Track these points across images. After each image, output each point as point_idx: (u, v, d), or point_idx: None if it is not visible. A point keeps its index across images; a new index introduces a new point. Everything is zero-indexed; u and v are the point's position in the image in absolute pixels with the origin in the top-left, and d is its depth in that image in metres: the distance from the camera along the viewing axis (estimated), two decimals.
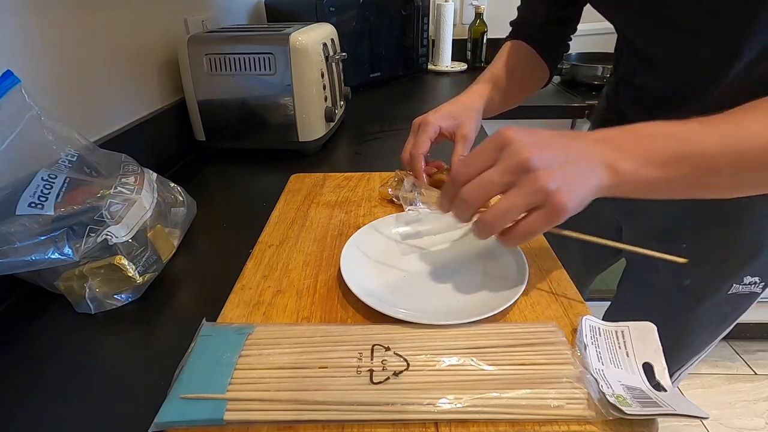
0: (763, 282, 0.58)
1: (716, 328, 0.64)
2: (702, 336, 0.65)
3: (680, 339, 0.64)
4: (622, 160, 0.34)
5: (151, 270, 0.48)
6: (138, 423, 0.32)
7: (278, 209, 0.61)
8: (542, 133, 0.36)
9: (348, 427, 0.31)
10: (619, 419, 0.30)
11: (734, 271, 0.57)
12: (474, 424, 0.31)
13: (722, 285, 0.58)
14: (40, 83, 0.56)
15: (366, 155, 0.86)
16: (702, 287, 0.59)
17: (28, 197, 0.42)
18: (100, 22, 0.67)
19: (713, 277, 0.58)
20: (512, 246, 0.40)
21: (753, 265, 0.56)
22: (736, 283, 0.58)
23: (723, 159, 0.34)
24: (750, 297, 0.60)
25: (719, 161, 0.35)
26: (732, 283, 0.58)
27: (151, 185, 0.53)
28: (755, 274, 0.57)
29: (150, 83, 0.80)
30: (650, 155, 0.35)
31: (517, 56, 0.66)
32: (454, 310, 0.41)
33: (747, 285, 0.58)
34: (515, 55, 0.66)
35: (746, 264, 0.56)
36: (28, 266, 0.41)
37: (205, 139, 0.85)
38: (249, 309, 0.43)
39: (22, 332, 0.44)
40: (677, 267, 0.54)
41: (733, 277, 0.57)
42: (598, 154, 0.35)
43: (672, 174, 0.35)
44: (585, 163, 0.34)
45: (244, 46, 0.77)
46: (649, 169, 0.35)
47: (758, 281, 0.58)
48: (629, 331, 0.37)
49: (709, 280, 0.59)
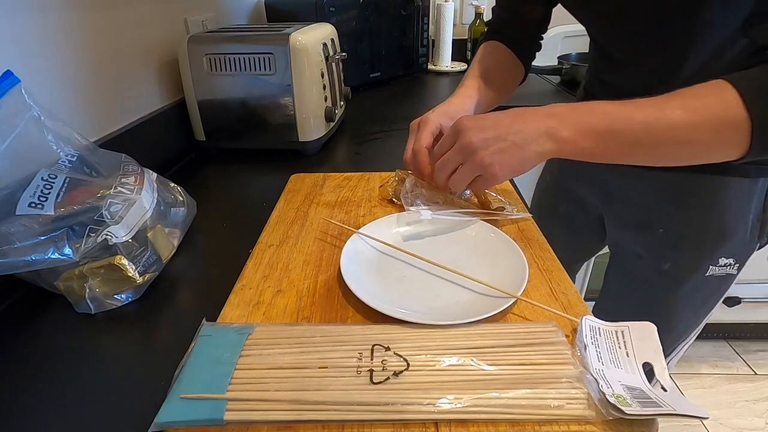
0: (737, 264, 0.62)
1: (698, 312, 0.68)
2: (685, 320, 0.68)
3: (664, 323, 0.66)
4: (563, 130, 0.44)
5: (151, 270, 0.48)
6: (138, 423, 0.32)
7: (278, 209, 0.61)
8: (489, 117, 0.47)
9: (348, 427, 0.31)
10: (619, 419, 0.30)
11: (709, 253, 0.61)
12: (474, 424, 0.31)
13: (699, 267, 0.62)
14: (40, 83, 0.56)
15: (366, 155, 0.86)
16: (681, 270, 0.63)
17: (28, 197, 0.42)
18: (100, 22, 0.67)
19: (690, 259, 0.62)
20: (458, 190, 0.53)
21: (726, 246, 0.60)
22: (712, 265, 0.61)
23: (644, 136, 0.43)
24: (727, 279, 0.64)
25: (641, 137, 0.43)
26: (708, 265, 0.61)
27: (151, 185, 0.53)
28: (729, 256, 0.61)
29: (150, 83, 0.80)
30: (587, 128, 0.44)
31: (496, 57, 0.70)
32: (454, 310, 0.41)
33: (723, 267, 0.62)
34: (493, 56, 0.70)
35: (720, 246, 0.60)
36: (28, 266, 0.41)
37: (205, 139, 0.85)
38: (249, 309, 0.43)
39: (22, 332, 0.44)
40: (657, 252, 0.64)
41: (709, 259, 0.61)
42: (542, 126, 0.45)
43: (604, 144, 0.44)
44: (522, 137, 0.45)
45: (244, 46, 0.77)
46: (585, 139, 0.44)
47: (732, 263, 0.62)
48: (629, 331, 0.37)
49: (687, 263, 0.63)
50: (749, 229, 0.60)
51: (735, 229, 0.59)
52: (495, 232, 0.51)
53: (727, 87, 0.41)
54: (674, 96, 0.43)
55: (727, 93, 0.41)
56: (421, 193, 0.55)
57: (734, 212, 0.59)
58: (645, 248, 0.66)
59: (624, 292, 0.72)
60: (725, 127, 0.41)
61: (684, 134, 0.42)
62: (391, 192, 0.61)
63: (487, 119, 0.47)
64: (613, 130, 0.44)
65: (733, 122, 0.41)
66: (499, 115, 0.47)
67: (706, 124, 0.41)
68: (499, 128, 0.46)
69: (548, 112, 0.46)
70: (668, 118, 0.42)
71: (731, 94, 0.41)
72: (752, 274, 1.37)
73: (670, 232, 0.63)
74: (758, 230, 0.61)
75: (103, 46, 0.67)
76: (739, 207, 0.58)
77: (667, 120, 0.42)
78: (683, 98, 0.43)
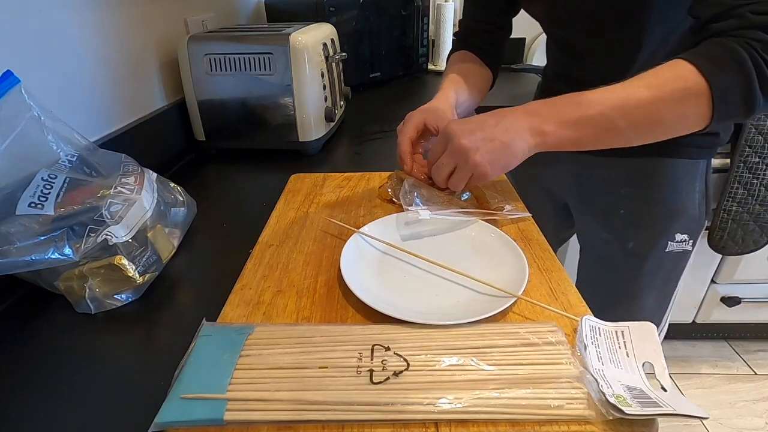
0: (691, 240, 0.70)
1: (662, 290, 0.76)
2: (652, 297, 0.76)
3: (634, 303, 0.75)
4: (544, 124, 0.48)
5: (151, 270, 0.48)
6: (138, 423, 0.32)
7: (278, 209, 0.61)
8: (474, 121, 0.50)
9: (348, 427, 0.31)
10: (619, 419, 0.30)
11: (666, 230, 0.69)
12: (474, 424, 0.31)
13: (659, 243, 0.70)
14: (40, 83, 0.56)
15: (366, 155, 0.86)
16: (643, 247, 0.71)
17: (28, 197, 0.42)
18: (100, 22, 0.67)
19: (651, 236, 0.70)
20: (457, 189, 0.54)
21: (680, 222, 0.68)
22: (670, 240, 0.69)
23: (617, 118, 0.47)
24: (684, 255, 0.72)
25: (614, 119, 0.47)
26: (667, 240, 0.69)
27: (151, 185, 0.53)
28: (684, 232, 0.69)
29: (150, 83, 0.80)
30: (564, 119, 0.48)
31: (468, 64, 0.75)
32: (454, 310, 0.41)
33: (679, 243, 0.70)
34: (465, 63, 0.75)
35: (674, 222, 0.68)
36: (28, 266, 0.41)
37: (205, 139, 0.85)
38: (249, 309, 0.43)
39: (22, 332, 0.44)
40: (621, 233, 0.72)
41: (666, 236, 0.69)
42: (525, 123, 0.48)
43: (582, 131, 0.48)
44: (508, 136, 0.48)
45: (244, 46, 0.77)
46: (565, 130, 0.48)
47: (687, 239, 0.70)
48: (629, 331, 0.37)
49: (648, 240, 0.70)
50: (696, 205, 0.68)
51: (685, 205, 0.68)
52: (495, 232, 0.51)
53: (681, 62, 0.46)
54: (636, 78, 0.47)
55: (681, 67, 0.45)
56: (421, 194, 0.55)
57: (683, 191, 0.67)
58: (610, 231, 0.73)
59: (597, 279, 0.78)
60: (687, 97, 0.45)
61: (652, 110, 0.46)
62: (390, 192, 0.61)
63: (472, 122, 0.50)
64: (587, 117, 0.47)
65: (695, 92, 0.44)
66: (483, 117, 0.50)
67: (670, 98, 0.45)
68: (485, 130, 0.49)
69: (527, 110, 0.50)
70: (635, 97, 0.46)
71: (686, 68, 0.45)
72: (752, 274, 1.37)
73: (631, 213, 0.70)
74: (704, 207, 0.69)
75: (103, 46, 0.67)
76: (686, 186, 0.67)
77: (634, 99, 0.46)
78: (645, 78, 0.47)
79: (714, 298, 1.43)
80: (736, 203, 1.19)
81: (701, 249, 1.30)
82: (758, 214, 1.19)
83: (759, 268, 1.35)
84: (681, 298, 1.45)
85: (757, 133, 1.11)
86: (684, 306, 1.47)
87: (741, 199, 1.18)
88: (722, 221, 1.22)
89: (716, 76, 0.44)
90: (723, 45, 0.45)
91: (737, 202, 1.19)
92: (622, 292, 0.75)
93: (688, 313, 1.49)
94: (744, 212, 1.20)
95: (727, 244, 1.25)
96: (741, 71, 0.43)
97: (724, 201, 1.19)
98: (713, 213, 1.23)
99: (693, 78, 0.44)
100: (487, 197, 0.58)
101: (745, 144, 1.12)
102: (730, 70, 0.44)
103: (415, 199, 0.55)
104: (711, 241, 1.27)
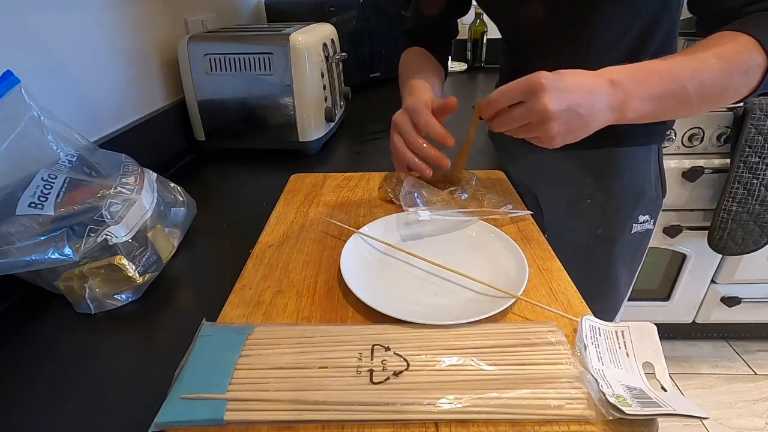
0: (652, 219, 0.76)
1: (630, 267, 0.81)
2: (623, 276, 0.81)
3: (609, 283, 0.81)
4: (629, 99, 0.46)
5: (151, 270, 0.48)
6: (138, 423, 0.32)
7: (278, 209, 0.61)
8: (568, 80, 0.45)
9: (348, 427, 0.31)
10: (619, 419, 0.30)
11: (630, 213, 0.74)
12: (474, 424, 0.31)
13: (625, 226, 0.75)
14: (40, 83, 0.56)
15: (366, 155, 0.86)
16: (611, 231, 0.75)
17: (28, 197, 0.42)
18: (100, 22, 0.67)
19: (617, 221, 0.75)
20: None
21: (641, 205, 0.74)
22: (634, 223, 0.74)
23: (694, 90, 0.47)
24: (647, 234, 0.77)
25: (691, 92, 0.47)
26: (632, 223, 0.74)
27: (151, 185, 0.53)
28: (646, 213, 0.74)
29: (150, 83, 0.80)
30: (647, 93, 0.47)
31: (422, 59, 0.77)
32: (454, 310, 0.41)
33: (642, 224, 0.75)
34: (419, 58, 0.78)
35: (637, 205, 0.73)
36: (28, 266, 0.41)
37: (205, 139, 0.85)
38: (249, 309, 0.43)
39: (22, 332, 0.44)
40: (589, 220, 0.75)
41: (631, 219, 0.74)
42: (611, 99, 0.46)
43: (662, 105, 0.48)
44: (593, 113, 0.46)
45: (244, 46, 0.77)
46: (647, 104, 0.47)
47: (649, 219, 0.75)
48: (629, 331, 0.37)
49: (615, 225, 0.75)
50: (653, 187, 0.73)
51: (644, 189, 0.73)
52: (495, 232, 0.51)
53: (741, 35, 0.47)
54: (704, 48, 0.48)
55: (745, 40, 0.47)
56: (421, 194, 0.55)
57: (641, 175, 0.72)
58: (578, 220, 0.76)
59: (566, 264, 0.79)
60: (751, 69, 0.47)
61: (722, 82, 0.47)
62: (390, 192, 0.61)
63: (566, 81, 0.45)
64: (669, 91, 0.47)
65: (756, 65, 0.46)
66: (577, 80, 0.46)
67: (737, 70, 0.47)
68: (575, 96, 0.45)
69: (614, 81, 0.46)
70: (708, 69, 0.47)
71: (750, 41, 0.46)
72: (752, 274, 1.37)
73: (596, 200, 0.73)
74: (660, 187, 0.75)
75: (103, 45, 0.67)
76: (643, 171, 0.72)
77: (708, 71, 0.47)
78: (712, 48, 0.48)
79: (714, 298, 1.43)
80: (736, 203, 1.19)
81: (701, 249, 1.31)
82: (758, 214, 1.19)
83: (759, 268, 1.35)
84: (681, 298, 1.46)
85: (757, 133, 1.11)
86: (684, 306, 1.47)
87: (741, 199, 1.18)
88: (722, 221, 1.22)
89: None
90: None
91: (737, 202, 1.19)
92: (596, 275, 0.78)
93: (688, 313, 1.49)
94: (744, 212, 1.20)
95: (727, 244, 1.25)
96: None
97: (724, 201, 1.19)
98: (713, 213, 1.23)
99: (756, 50, 0.46)
100: (486, 197, 0.58)
101: (745, 144, 1.12)
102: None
103: (416, 199, 0.55)
104: (711, 241, 1.27)
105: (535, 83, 0.44)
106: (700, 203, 1.27)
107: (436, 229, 0.54)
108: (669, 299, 1.46)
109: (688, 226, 1.29)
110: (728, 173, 1.17)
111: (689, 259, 1.36)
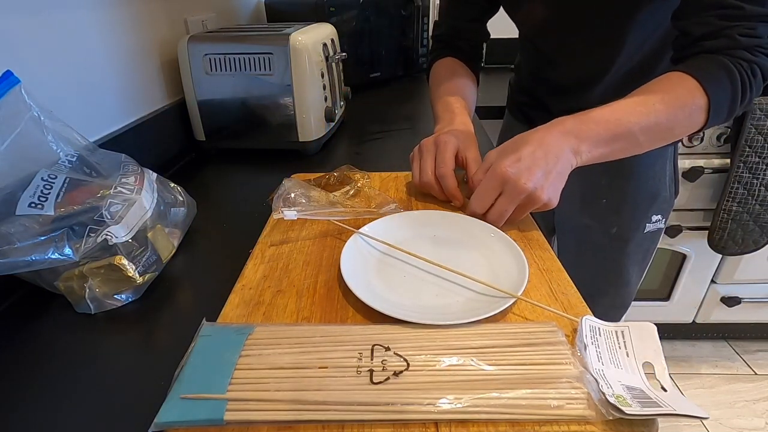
0: (664, 219, 0.79)
1: (641, 265, 0.84)
2: (634, 273, 0.83)
3: (620, 280, 0.83)
4: (582, 145, 0.50)
5: (151, 270, 0.48)
6: (138, 423, 0.32)
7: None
8: (522, 155, 0.49)
9: (348, 427, 0.31)
10: (619, 419, 0.30)
11: (644, 213, 0.77)
12: (474, 424, 0.31)
13: (639, 225, 0.77)
14: (40, 83, 0.56)
15: (366, 155, 0.86)
16: (625, 231, 0.78)
17: (28, 197, 0.42)
18: (99, 21, 0.67)
19: (632, 220, 0.77)
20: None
21: (655, 206, 0.77)
22: (648, 222, 0.78)
23: (641, 133, 0.51)
24: (659, 233, 0.80)
25: (639, 135, 0.51)
26: (645, 222, 0.77)
27: (151, 185, 0.53)
28: (658, 213, 0.78)
29: (150, 83, 0.80)
30: (598, 138, 0.50)
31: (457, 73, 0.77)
32: (454, 310, 0.41)
33: (655, 223, 0.78)
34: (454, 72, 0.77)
35: (651, 206, 0.77)
36: (28, 266, 0.41)
37: (205, 139, 0.85)
38: (249, 309, 0.43)
39: (22, 332, 0.44)
40: (604, 220, 0.78)
41: (645, 218, 0.77)
42: (566, 145, 0.50)
43: (611, 147, 0.51)
44: (560, 162, 0.49)
45: (244, 46, 0.77)
46: (599, 148, 0.51)
47: (661, 218, 0.79)
48: (629, 331, 0.37)
49: (629, 224, 0.77)
50: (668, 188, 0.77)
51: (659, 189, 0.76)
52: (495, 232, 0.51)
53: (686, 77, 0.51)
54: (648, 91, 0.52)
55: (689, 83, 0.50)
56: (297, 195, 0.54)
57: (657, 177, 0.75)
58: (593, 218, 0.79)
59: (578, 261, 0.81)
60: (695, 111, 0.51)
61: (668, 125, 0.51)
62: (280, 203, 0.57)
63: (522, 158, 0.49)
64: (617, 135, 0.51)
65: (699, 106, 0.50)
66: (528, 150, 0.49)
67: (682, 113, 0.51)
68: (539, 163, 0.48)
69: (563, 131, 0.51)
70: (655, 113, 0.51)
71: (692, 83, 0.50)
72: (752, 274, 1.37)
73: (612, 201, 0.76)
74: (674, 187, 0.78)
75: (103, 45, 0.67)
76: (658, 172, 0.74)
77: (654, 116, 0.51)
78: (658, 93, 0.51)
79: (714, 298, 1.44)
80: (736, 203, 1.19)
81: (701, 249, 1.31)
82: (758, 214, 1.19)
83: (759, 268, 1.35)
84: (681, 298, 1.46)
85: (757, 133, 1.11)
86: (684, 306, 1.48)
87: (741, 199, 1.18)
88: (722, 221, 1.22)
89: (716, 92, 0.50)
90: (719, 63, 0.50)
91: (737, 202, 1.19)
92: (607, 272, 0.81)
93: (688, 313, 1.50)
94: (744, 212, 1.20)
95: (727, 244, 1.25)
96: (732, 88, 0.50)
97: (724, 201, 1.19)
98: (713, 213, 1.23)
99: (699, 93, 0.50)
100: (374, 198, 0.58)
101: (745, 144, 1.12)
102: (725, 86, 0.50)
103: (286, 203, 0.53)
104: (711, 241, 1.27)
105: (501, 175, 0.49)
106: (700, 203, 1.27)
107: (437, 230, 0.54)
108: (669, 299, 1.46)
109: (688, 226, 1.29)
110: (728, 173, 1.17)
111: (689, 259, 1.36)
